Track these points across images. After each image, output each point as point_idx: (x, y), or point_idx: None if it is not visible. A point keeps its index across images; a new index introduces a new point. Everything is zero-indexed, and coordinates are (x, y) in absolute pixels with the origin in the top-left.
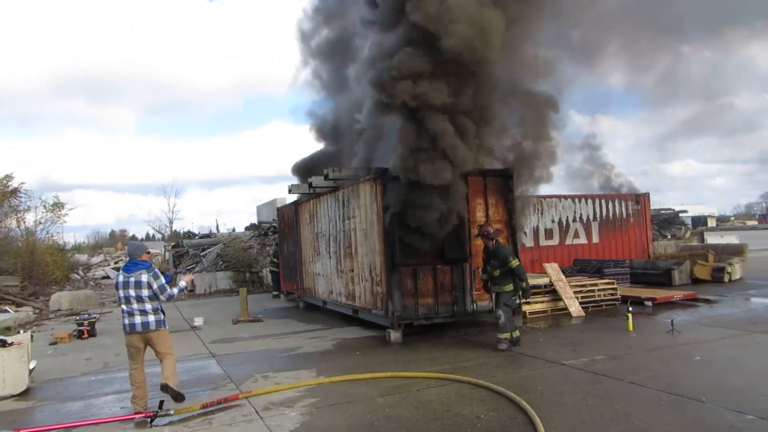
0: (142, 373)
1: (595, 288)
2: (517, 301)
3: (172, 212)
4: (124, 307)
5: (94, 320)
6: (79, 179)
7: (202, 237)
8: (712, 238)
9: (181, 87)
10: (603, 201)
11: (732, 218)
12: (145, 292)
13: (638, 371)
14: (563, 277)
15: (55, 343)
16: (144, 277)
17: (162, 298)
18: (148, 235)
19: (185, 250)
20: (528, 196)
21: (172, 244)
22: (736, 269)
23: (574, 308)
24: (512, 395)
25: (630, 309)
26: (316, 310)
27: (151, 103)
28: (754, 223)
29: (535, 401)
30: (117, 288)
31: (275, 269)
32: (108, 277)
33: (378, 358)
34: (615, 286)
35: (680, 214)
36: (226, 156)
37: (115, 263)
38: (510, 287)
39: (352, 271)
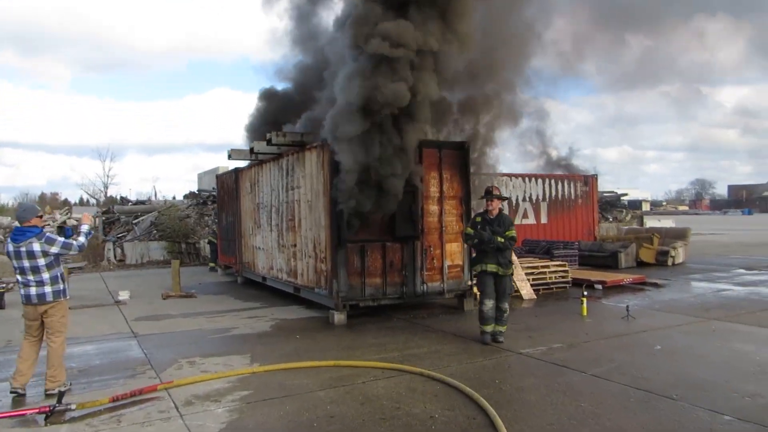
0: (35, 348)
1: (547, 270)
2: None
3: (108, 176)
4: (19, 278)
5: (2, 291)
6: (8, 137)
7: (136, 203)
8: (650, 222)
9: (122, 44)
10: (553, 181)
11: (664, 203)
12: (41, 261)
13: (600, 362)
14: (515, 258)
15: None
16: (36, 246)
17: (73, 253)
18: (81, 199)
19: (116, 216)
20: (484, 172)
21: (103, 210)
22: (680, 253)
23: (526, 290)
24: (469, 391)
25: (585, 293)
26: (256, 287)
27: (88, 59)
28: (685, 208)
29: (494, 397)
30: (9, 257)
31: (214, 240)
32: None
33: (320, 342)
34: (566, 268)
35: (621, 197)
36: (167, 121)
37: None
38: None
39: (295, 246)
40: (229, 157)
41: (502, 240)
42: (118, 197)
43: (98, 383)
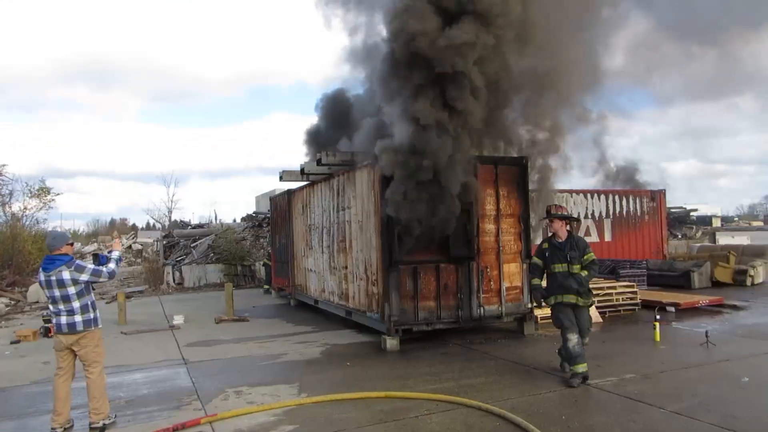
0: (67, 384)
1: (613, 291)
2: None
3: (172, 201)
4: (51, 307)
5: (48, 318)
6: (82, 166)
7: (194, 227)
8: (723, 239)
9: (185, 75)
10: (617, 197)
11: (736, 219)
12: (71, 290)
13: (681, 396)
14: None
15: (17, 342)
16: (65, 274)
17: (103, 280)
18: (148, 224)
19: (176, 240)
20: (546, 188)
21: (164, 234)
22: (759, 272)
23: (591, 314)
24: (533, 429)
25: (657, 317)
26: (308, 310)
27: (154, 90)
28: (760, 223)
29: None
30: (41, 287)
31: (269, 262)
32: None
33: (371, 370)
34: (635, 289)
35: (691, 213)
36: (228, 146)
37: (108, 252)
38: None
39: (346, 268)
40: (281, 178)
41: (578, 268)
42: (179, 221)
43: (144, 415)
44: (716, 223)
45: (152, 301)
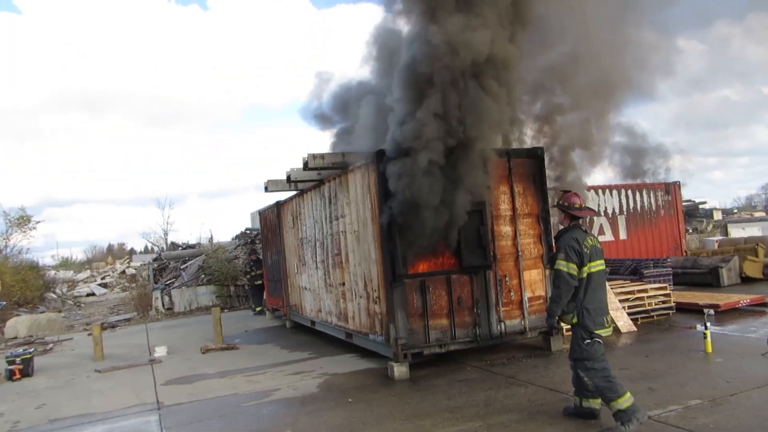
0: None
1: (645, 295)
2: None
3: (167, 224)
4: None
5: (28, 356)
6: (78, 194)
7: (185, 248)
8: (734, 231)
9: (178, 98)
10: (630, 191)
11: (736, 210)
12: None
13: None
14: None
15: None
16: None
17: None
18: (146, 248)
19: (165, 263)
20: (566, 183)
21: (154, 257)
22: None
23: (623, 322)
24: None
25: (707, 324)
26: (306, 331)
27: (147, 115)
28: (762, 214)
29: None
30: None
31: (259, 282)
32: (93, 294)
33: (378, 407)
34: (668, 291)
35: (700, 206)
36: (224, 165)
37: (102, 279)
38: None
39: (343, 284)
40: (266, 189)
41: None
42: (169, 243)
43: None
44: (717, 216)
45: (138, 330)
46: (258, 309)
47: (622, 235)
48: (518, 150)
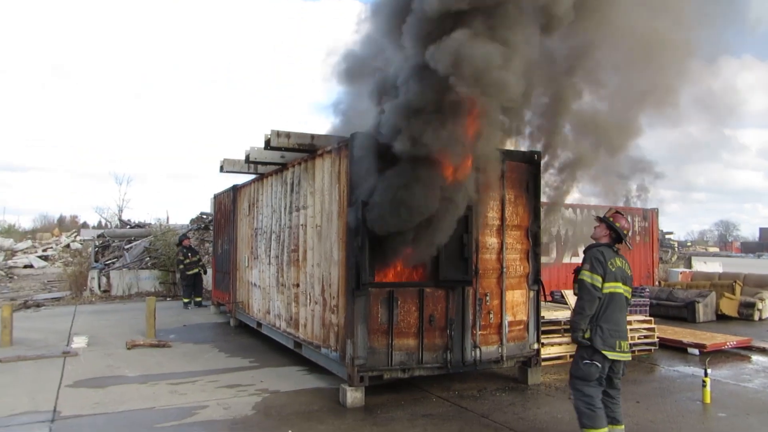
0: None
1: (629, 327)
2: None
3: (123, 200)
4: None
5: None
6: (36, 161)
7: (133, 227)
8: (697, 264)
9: (150, 71)
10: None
11: (689, 243)
12: None
13: None
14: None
15: None
16: None
17: None
18: (99, 223)
19: (110, 241)
20: (560, 195)
21: (98, 234)
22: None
23: None
24: None
25: (707, 371)
26: (251, 333)
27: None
28: (716, 249)
29: None
30: None
31: (194, 270)
32: (31, 266)
33: None
34: (652, 325)
35: (667, 236)
36: (190, 143)
37: (44, 250)
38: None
39: (297, 286)
40: (221, 169)
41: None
42: (123, 220)
43: None
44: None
45: (65, 313)
46: (186, 301)
47: None
48: (514, 152)
